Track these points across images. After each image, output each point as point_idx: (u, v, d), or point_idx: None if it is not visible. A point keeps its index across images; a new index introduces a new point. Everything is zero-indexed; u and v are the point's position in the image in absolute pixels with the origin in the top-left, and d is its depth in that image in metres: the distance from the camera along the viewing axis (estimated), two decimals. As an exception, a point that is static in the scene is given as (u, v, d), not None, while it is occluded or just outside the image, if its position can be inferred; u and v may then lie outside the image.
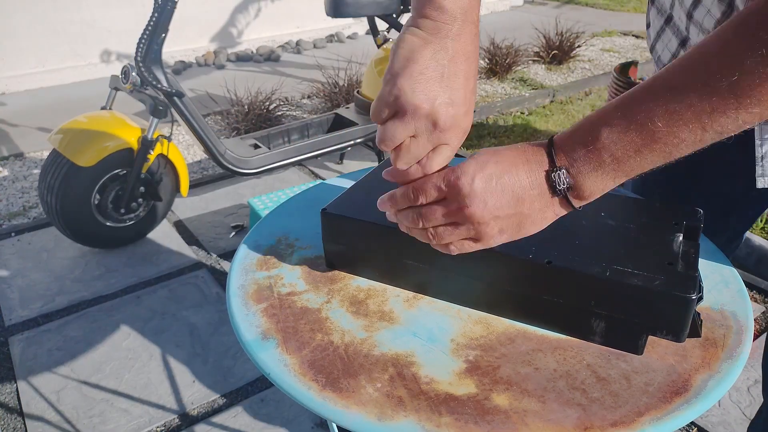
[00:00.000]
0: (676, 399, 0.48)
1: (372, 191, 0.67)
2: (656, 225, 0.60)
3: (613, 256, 0.54)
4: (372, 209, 0.60)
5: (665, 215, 0.61)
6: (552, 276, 0.54)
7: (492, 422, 0.46)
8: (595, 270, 0.52)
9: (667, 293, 0.50)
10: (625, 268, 0.52)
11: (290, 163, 2.40)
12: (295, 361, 0.53)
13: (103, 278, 2.10)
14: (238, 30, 5.03)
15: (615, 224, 0.60)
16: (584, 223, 0.60)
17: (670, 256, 0.54)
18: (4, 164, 3.05)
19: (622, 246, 0.56)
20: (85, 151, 1.98)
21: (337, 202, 0.66)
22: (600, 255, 0.54)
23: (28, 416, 1.54)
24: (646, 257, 0.54)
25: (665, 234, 0.58)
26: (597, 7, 6.76)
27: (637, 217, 0.61)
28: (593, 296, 0.53)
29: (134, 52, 2.00)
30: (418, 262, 0.60)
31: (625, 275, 0.52)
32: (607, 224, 0.60)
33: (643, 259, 0.54)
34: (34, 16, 4.04)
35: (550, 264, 0.54)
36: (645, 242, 0.57)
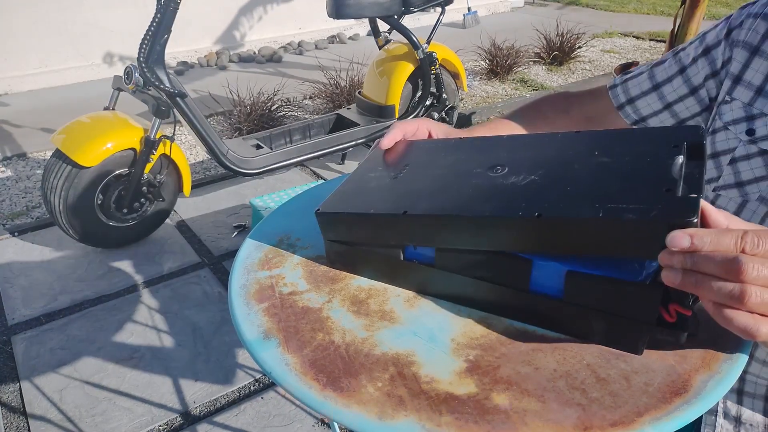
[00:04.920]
0: (675, 399, 0.48)
1: (363, 185, 0.66)
2: (654, 151, 0.55)
3: (607, 195, 0.50)
4: (365, 201, 0.59)
5: (664, 139, 0.56)
6: (545, 229, 0.51)
7: (492, 422, 0.46)
8: (587, 213, 0.49)
9: (664, 222, 0.46)
10: (620, 205, 0.48)
11: (292, 164, 2.41)
12: (296, 360, 0.53)
13: (106, 278, 2.11)
14: (240, 31, 5.04)
15: (609, 161, 0.56)
16: (576, 168, 0.56)
17: (669, 182, 0.50)
18: (7, 164, 3.06)
19: (618, 182, 0.52)
20: (88, 151, 1.99)
21: (330, 201, 0.65)
22: (593, 197, 0.51)
23: (31, 415, 1.55)
24: (642, 188, 0.50)
25: (665, 159, 0.53)
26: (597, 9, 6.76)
27: (634, 147, 0.57)
28: (590, 242, 0.50)
29: (137, 52, 2.01)
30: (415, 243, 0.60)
31: (620, 211, 0.48)
32: (601, 163, 0.56)
33: (639, 191, 0.50)
34: (36, 16, 4.06)
35: (541, 217, 0.51)
36: (642, 173, 0.52)
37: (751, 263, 0.41)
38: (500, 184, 0.57)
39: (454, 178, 0.62)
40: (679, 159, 0.53)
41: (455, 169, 0.64)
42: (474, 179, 0.60)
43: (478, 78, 4.37)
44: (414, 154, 0.70)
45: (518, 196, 0.53)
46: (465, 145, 0.69)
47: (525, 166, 0.59)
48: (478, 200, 0.56)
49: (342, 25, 5.52)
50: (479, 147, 0.67)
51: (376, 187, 0.65)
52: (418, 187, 0.62)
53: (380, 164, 0.71)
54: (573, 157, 0.53)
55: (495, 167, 0.61)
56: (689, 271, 0.44)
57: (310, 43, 5.17)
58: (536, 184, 0.52)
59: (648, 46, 5.21)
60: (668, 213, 0.46)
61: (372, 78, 2.87)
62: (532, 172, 0.57)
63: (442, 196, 0.59)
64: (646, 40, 5.41)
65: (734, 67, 0.69)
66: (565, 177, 0.55)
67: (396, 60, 2.81)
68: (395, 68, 2.78)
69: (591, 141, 0.55)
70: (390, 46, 2.93)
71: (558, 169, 0.52)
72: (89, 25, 4.27)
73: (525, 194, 0.52)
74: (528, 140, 0.66)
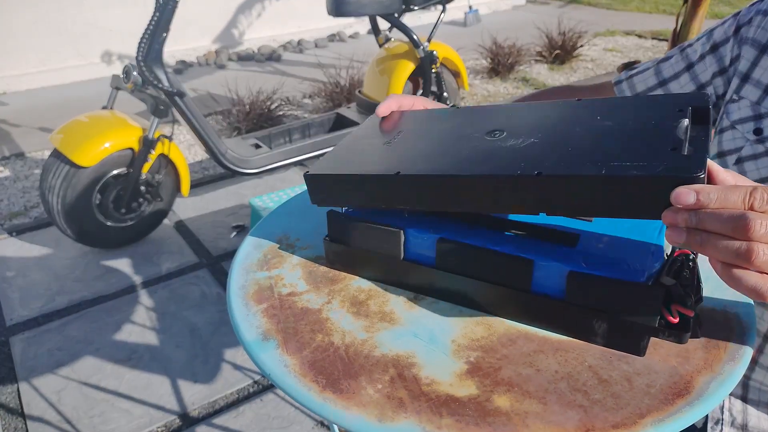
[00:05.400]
0: (678, 401, 0.47)
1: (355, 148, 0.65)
2: (659, 115, 0.53)
3: (610, 154, 0.49)
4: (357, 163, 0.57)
5: (668, 104, 0.54)
6: (546, 188, 0.49)
7: (493, 424, 0.46)
8: (589, 170, 0.47)
9: (671, 177, 0.44)
10: (624, 162, 0.47)
11: (291, 163, 2.41)
12: (295, 361, 0.53)
13: (104, 278, 2.10)
14: (239, 30, 5.04)
15: (612, 124, 0.54)
16: (578, 130, 0.54)
17: (675, 142, 0.48)
18: (5, 164, 3.05)
19: (621, 143, 0.50)
20: (87, 150, 1.98)
21: (320, 163, 0.62)
22: (596, 156, 0.49)
23: (29, 416, 1.54)
24: (647, 148, 0.48)
25: (669, 122, 0.51)
26: (599, 7, 6.76)
27: (637, 113, 0.55)
28: (592, 201, 0.48)
29: (136, 51, 2.00)
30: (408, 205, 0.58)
31: (624, 169, 0.46)
32: (604, 126, 0.54)
33: (644, 150, 0.48)
34: (35, 15, 4.05)
35: (541, 174, 0.49)
36: (646, 134, 0.51)
37: (759, 220, 0.39)
38: (499, 147, 0.56)
39: (450, 142, 0.60)
40: (684, 122, 0.51)
41: (452, 133, 0.62)
42: (471, 143, 0.58)
43: (479, 77, 4.36)
44: (409, 122, 0.69)
45: (517, 157, 0.51)
46: (462, 113, 0.67)
47: (524, 130, 0.57)
48: (475, 161, 0.54)
49: (342, 23, 5.51)
50: (477, 114, 0.65)
51: (369, 151, 0.63)
52: (412, 150, 0.60)
53: (374, 130, 0.69)
54: (574, 122, 0.51)
55: (493, 132, 0.59)
56: (694, 229, 0.42)
57: (310, 41, 5.17)
58: (536, 146, 0.50)
59: (650, 44, 5.21)
60: (674, 169, 0.44)
61: (372, 77, 2.87)
62: (532, 135, 0.55)
63: (437, 158, 0.57)
64: (649, 38, 5.41)
65: (742, 65, 0.68)
66: (566, 139, 0.53)
67: (396, 58, 2.81)
68: (396, 67, 2.78)
69: (593, 107, 0.53)
70: (390, 45, 2.93)
71: (559, 132, 0.51)
72: (88, 25, 4.26)
73: (524, 155, 0.51)
74: (528, 108, 0.64)
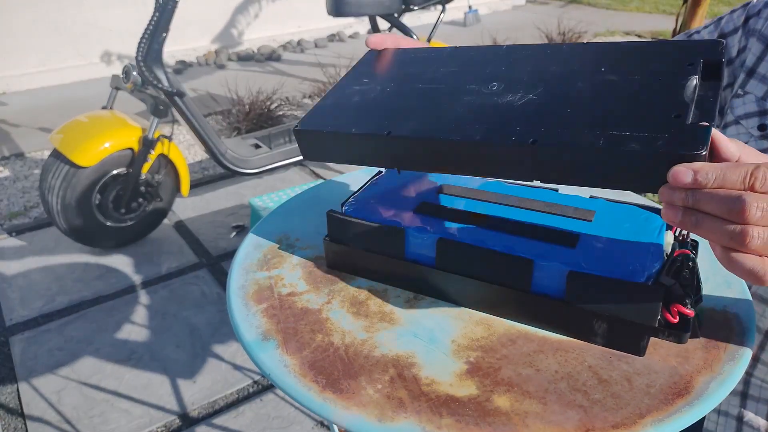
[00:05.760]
0: (677, 401, 0.47)
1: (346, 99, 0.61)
2: (667, 70, 0.49)
3: (610, 120, 0.46)
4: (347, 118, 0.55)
5: (678, 56, 0.50)
6: (541, 157, 0.47)
7: (493, 424, 0.46)
8: (587, 141, 0.45)
9: (670, 153, 0.41)
10: (623, 132, 0.44)
11: (291, 163, 2.41)
12: (295, 362, 0.53)
13: (104, 278, 2.10)
14: (239, 30, 5.04)
15: (617, 79, 0.50)
16: (580, 85, 0.51)
17: (680, 106, 0.45)
18: (5, 164, 3.05)
19: (623, 105, 0.47)
20: (86, 150, 1.98)
21: (310, 117, 0.59)
22: (595, 121, 0.46)
23: (29, 416, 1.54)
24: (650, 112, 0.45)
25: (677, 79, 0.47)
26: (599, 7, 6.76)
27: (645, 65, 0.51)
28: (589, 172, 0.46)
29: (135, 51, 2.00)
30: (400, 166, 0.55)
31: (622, 140, 0.44)
32: (608, 81, 0.50)
33: (646, 115, 0.45)
34: (35, 15, 4.05)
35: (536, 143, 0.47)
36: (651, 95, 0.47)
37: (756, 202, 0.37)
38: (494, 103, 0.53)
39: (444, 94, 0.57)
40: (693, 80, 0.47)
41: (447, 82, 0.58)
42: (466, 96, 0.55)
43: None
44: (404, 65, 0.64)
45: (513, 118, 0.49)
46: (460, 55, 0.63)
47: (523, 82, 0.54)
48: (468, 122, 0.52)
49: (342, 23, 5.51)
50: (476, 58, 0.61)
51: (361, 102, 0.60)
52: (404, 104, 0.57)
53: (366, 75, 0.65)
54: (577, 73, 0.48)
55: (491, 83, 0.56)
56: (690, 209, 0.41)
57: (310, 41, 5.17)
58: (534, 104, 0.48)
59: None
60: (674, 144, 0.42)
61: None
62: (530, 90, 0.52)
63: (429, 115, 0.54)
64: (648, 38, 5.42)
65: (749, 59, 0.67)
66: (566, 96, 0.50)
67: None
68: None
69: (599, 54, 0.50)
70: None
71: (559, 87, 0.48)
72: (88, 25, 4.26)
73: (520, 116, 0.48)
74: (529, 52, 0.59)
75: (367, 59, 0.67)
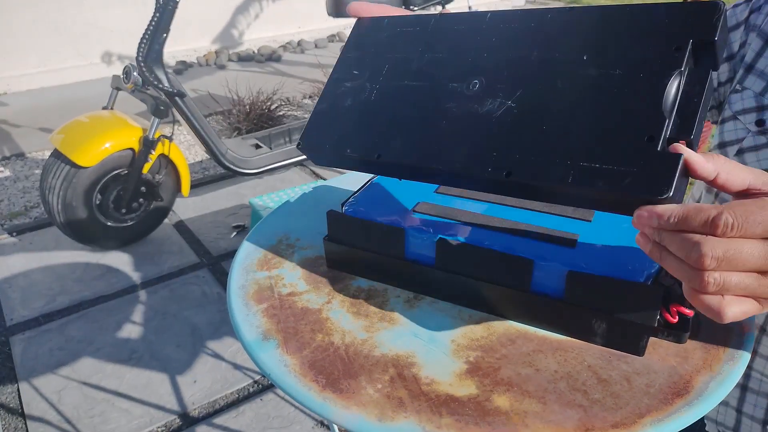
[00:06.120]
0: (677, 400, 0.48)
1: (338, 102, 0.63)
2: (652, 59, 0.46)
3: (583, 144, 0.45)
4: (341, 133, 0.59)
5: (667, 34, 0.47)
6: (515, 187, 0.49)
7: (493, 423, 0.46)
8: (557, 176, 0.45)
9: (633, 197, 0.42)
10: (593, 164, 0.44)
11: (291, 163, 2.41)
12: (295, 361, 0.53)
13: (104, 278, 2.10)
14: (239, 30, 5.04)
15: (597, 74, 0.48)
16: (560, 86, 0.50)
17: (655, 124, 0.43)
18: (5, 164, 3.06)
19: (598, 118, 0.46)
20: (87, 151, 1.98)
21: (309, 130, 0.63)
22: (567, 148, 0.46)
23: (29, 416, 1.54)
24: (623, 133, 0.44)
25: (660, 78, 0.45)
26: (598, 8, 6.75)
27: (630, 49, 0.48)
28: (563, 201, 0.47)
29: (136, 52, 2.00)
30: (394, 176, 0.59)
31: (590, 176, 0.44)
32: (588, 78, 0.49)
33: (618, 138, 0.44)
34: (36, 15, 4.05)
35: (510, 176, 0.48)
36: (629, 101, 0.46)
37: (711, 251, 0.38)
38: (474, 114, 0.54)
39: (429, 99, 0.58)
40: (675, 80, 0.45)
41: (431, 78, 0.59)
42: (448, 102, 0.56)
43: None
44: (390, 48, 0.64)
45: (491, 138, 0.50)
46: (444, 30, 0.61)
47: (503, 79, 0.54)
48: (450, 144, 0.54)
49: (342, 23, 5.52)
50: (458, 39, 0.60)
51: (352, 108, 0.63)
52: (391, 113, 0.60)
53: (355, 64, 0.65)
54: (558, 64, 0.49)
55: (472, 79, 0.56)
56: (657, 243, 0.42)
57: (310, 42, 5.17)
58: (510, 118, 0.49)
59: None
60: (640, 185, 0.42)
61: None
62: (509, 95, 0.52)
63: (414, 133, 0.57)
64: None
65: (748, 55, 0.67)
66: (543, 106, 0.50)
67: (395, 59, 2.80)
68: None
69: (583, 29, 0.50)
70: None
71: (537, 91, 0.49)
72: (89, 25, 4.26)
73: (497, 136, 0.50)
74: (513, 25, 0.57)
75: (354, 41, 0.68)
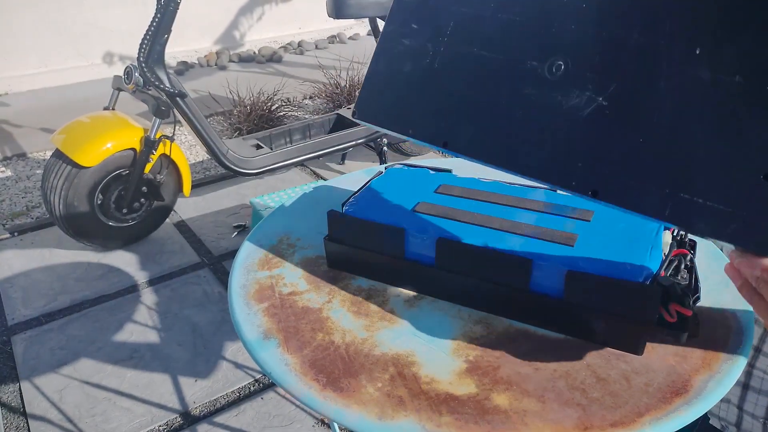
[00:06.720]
0: (676, 399, 0.48)
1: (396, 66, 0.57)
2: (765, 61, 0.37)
3: (685, 170, 0.38)
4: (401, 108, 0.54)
5: None
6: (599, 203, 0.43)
7: (492, 422, 0.46)
8: (652, 205, 0.40)
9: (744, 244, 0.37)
10: (695, 197, 0.38)
11: (292, 164, 2.41)
12: (296, 360, 0.53)
13: (106, 278, 2.10)
14: (240, 31, 5.04)
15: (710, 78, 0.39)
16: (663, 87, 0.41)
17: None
18: (7, 164, 3.06)
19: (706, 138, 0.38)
20: (88, 151, 1.98)
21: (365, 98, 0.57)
22: (667, 169, 0.39)
23: (31, 415, 1.55)
24: (735, 163, 0.37)
25: None
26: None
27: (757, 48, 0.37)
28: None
29: (137, 52, 2.01)
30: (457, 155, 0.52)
31: (691, 213, 0.38)
32: (699, 82, 0.39)
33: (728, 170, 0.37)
34: (37, 16, 4.05)
35: (597, 195, 0.42)
36: (747, 123, 0.37)
37: None
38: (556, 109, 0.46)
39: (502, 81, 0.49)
40: None
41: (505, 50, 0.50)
42: (526, 87, 0.48)
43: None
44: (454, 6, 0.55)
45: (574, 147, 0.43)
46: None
47: (592, 64, 0.45)
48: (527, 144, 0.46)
49: (342, 25, 5.52)
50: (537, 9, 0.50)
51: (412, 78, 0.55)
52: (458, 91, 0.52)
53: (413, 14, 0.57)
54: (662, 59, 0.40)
55: (555, 59, 0.47)
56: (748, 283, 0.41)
57: (310, 42, 5.17)
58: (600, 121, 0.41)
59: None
60: (746, 237, 0.37)
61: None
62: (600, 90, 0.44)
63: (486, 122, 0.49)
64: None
65: None
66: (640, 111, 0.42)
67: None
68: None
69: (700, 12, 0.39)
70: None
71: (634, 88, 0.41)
72: (89, 25, 4.26)
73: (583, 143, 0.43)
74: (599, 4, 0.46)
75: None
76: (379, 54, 0.58)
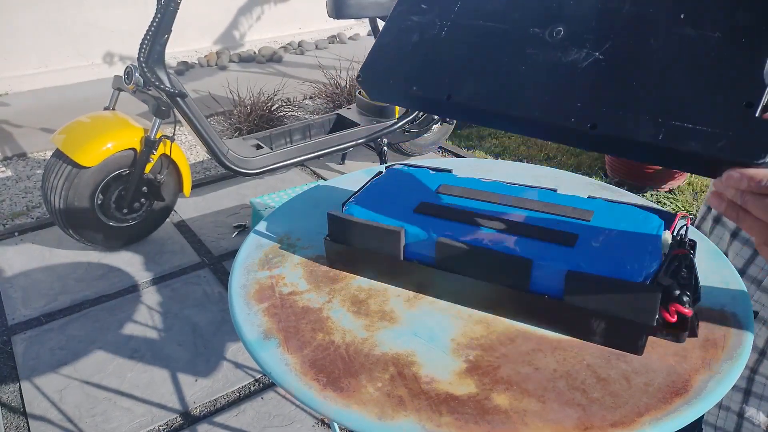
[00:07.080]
0: (676, 399, 0.48)
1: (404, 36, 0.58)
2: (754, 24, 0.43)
3: (675, 103, 0.43)
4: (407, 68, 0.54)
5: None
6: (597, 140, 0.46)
7: (492, 422, 0.46)
8: (647, 134, 0.43)
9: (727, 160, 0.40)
10: (686, 123, 0.42)
11: (292, 164, 2.41)
12: (296, 360, 0.53)
13: (106, 278, 2.11)
14: (240, 31, 5.04)
15: (694, 35, 0.45)
16: (652, 44, 0.46)
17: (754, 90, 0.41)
18: (7, 164, 3.06)
19: (693, 79, 0.43)
20: (88, 151, 1.99)
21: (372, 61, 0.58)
22: (660, 103, 0.44)
23: (31, 415, 1.55)
24: (719, 96, 0.42)
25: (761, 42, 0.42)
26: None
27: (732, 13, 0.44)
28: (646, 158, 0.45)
29: (137, 52, 2.01)
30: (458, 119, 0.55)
31: (682, 135, 0.42)
32: (684, 38, 0.45)
33: (714, 101, 0.42)
34: (37, 16, 4.06)
35: (595, 128, 0.45)
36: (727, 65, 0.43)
37: None
38: (557, 63, 0.50)
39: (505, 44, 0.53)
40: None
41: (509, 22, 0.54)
42: (528, 47, 0.52)
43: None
44: None
45: (573, 90, 0.47)
46: None
47: (591, 29, 0.50)
48: (528, 90, 0.50)
49: (342, 25, 5.52)
50: None
51: (419, 45, 0.57)
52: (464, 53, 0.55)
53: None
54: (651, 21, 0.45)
55: (556, 25, 0.52)
56: (735, 204, 0.42)
57: (311, 43, 5.17)
58: (597, 70, 0.46)
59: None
60: (735, 149, 0.41)
61: (372, 78, 2.86)
62: (597, 46, 0.49)
63: (489, 75, 0.53)
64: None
65: None
66: (634, 61, 0.46)
67: (396, 60, 2.80)
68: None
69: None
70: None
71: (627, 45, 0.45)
72: (89, 25, 4.26)
73: (581, 87, 0.46)
74: None
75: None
76: (387, 29, 0.61)
